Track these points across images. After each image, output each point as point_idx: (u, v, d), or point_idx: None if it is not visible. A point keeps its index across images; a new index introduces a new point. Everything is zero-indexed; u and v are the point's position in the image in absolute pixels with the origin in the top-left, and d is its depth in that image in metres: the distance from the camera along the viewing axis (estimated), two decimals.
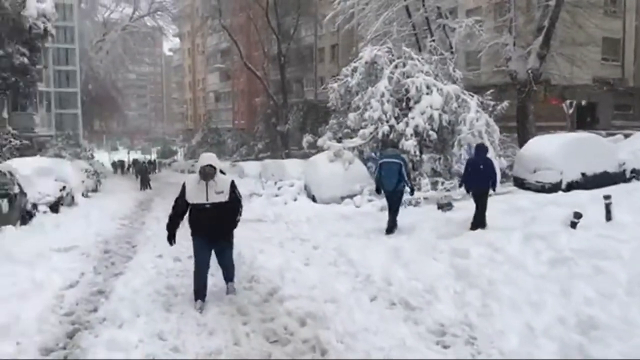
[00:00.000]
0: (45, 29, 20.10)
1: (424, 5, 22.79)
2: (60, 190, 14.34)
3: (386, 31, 23.41)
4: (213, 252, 6.21)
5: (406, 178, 10.22)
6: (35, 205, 12.82)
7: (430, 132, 15.54)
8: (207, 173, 5.83)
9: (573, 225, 8.05)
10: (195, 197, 5.90)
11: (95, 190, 23.85)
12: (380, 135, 15.98)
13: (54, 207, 13.49)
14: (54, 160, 18.32)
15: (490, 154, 10.29)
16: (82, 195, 18.41)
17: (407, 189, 10.54)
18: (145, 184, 28.05)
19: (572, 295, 5.31)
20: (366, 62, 17.67)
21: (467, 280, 6.19)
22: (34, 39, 20.05)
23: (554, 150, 14.67)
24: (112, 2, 54.82)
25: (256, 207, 14.95)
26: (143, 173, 28.97)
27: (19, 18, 19.16)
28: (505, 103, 18.56)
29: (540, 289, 5.57)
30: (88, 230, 11.18)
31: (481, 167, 9.63)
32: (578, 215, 7.99)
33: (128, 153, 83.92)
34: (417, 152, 15.53)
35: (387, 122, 16.00)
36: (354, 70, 18.31)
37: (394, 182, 10.10)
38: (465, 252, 7.51)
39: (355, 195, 14.63)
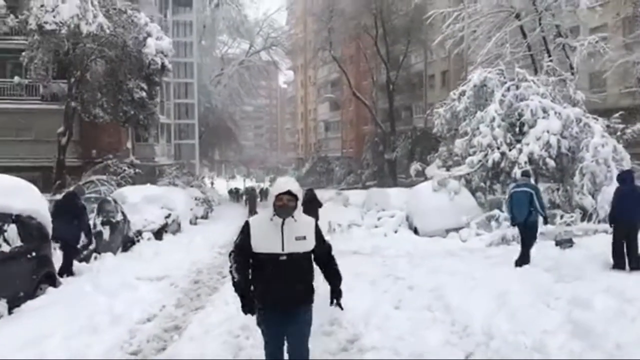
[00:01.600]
0: (163, 64, 21.32)
1: (540, 25, 21.14)
2: (166, 218, 14.78)
3: (498, 54, 22.04)
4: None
5: (539, 208, 9.61)
6: (139, 232, 13.24)
7: (548, 160, 14.02)
8: (286, 206, 3.87)
9: None
10: (264, 243, 3.91)
11: (205, 217, 24.67)
12: (490, 163, 14.73)
13: (158, 234, 13.88)
14: (163, 188, 19.16)
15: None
16: (190, 222, 18.97)
17: (541, 219, 9.93)
18: (252, 210, 29.00)
19: None
20: (475, 85, 16.55)
21: (589, 340, 5.05)
22: (152, 74, 21.33)
23: None
24: (229, 38, 58.05)
25: (354, 239, 14.34)
26: (252, 200, 29.81)
27: (139, 55, 20.48)
28: (638, 125, 16.39)
29: None
30: (185, 259, 11.22)
31: (635, 197, 8.66)
32: None
33: (244, 181, 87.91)
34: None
35: (498, 148, 14.71)
36: (462, 93, 17.25)
37: (524, 212, 9.56)
38: (587, 301, 6.30)
39: (461, 228, 13.51)
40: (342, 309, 4.24)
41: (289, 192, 3.87)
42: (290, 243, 3.89)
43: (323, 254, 4.15)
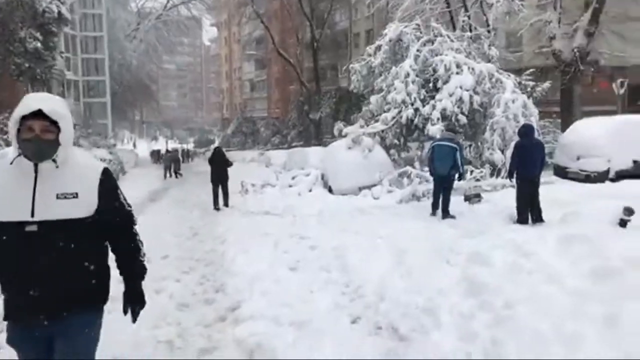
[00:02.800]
0: (60, 13, 19.36)
1: None
2: None
3: (418, 9, 21.75)
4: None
5: (459, 164, 9.80)
6: None
7: (460, 116, 13.93)
8: (40, 140, 2.27)
9: (623, 224, 6.50)
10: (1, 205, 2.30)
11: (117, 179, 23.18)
12: (403, 119, 14.48)
13: None
14: None
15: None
16: None
17: (457, 175, 10.14)
18: (170, 172, 27.98)
19: (620, 325, 3.87)
20: (390, 40, 16.13)
21: (481, 297, 4.77)
22: (48, 23, 19.34)
23: (602, 134, 12.89)
24: None
25: (267, 199, 13.77)
26: (175, 162, 28.65)
27: (31, 2, 18.46)
28: (547, 84, 16.68)
29: (578, 315, 4.13)
30: None
31: (533, 150, 8.68)
32: (629, 212, 6.43)
33: (166, 142, 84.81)
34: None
35: (412, 105, 14.46)
36: (378, 48, 16.81)
37: (447, 166, 9.74)
38: (486, 257, 6.08)
39: (374, 185, 13.24)
40: (134, 320, 2.62)
41: (43, 116, 2.25)
42: (48, 205, 2.29)
43: (115, 225, 2.51)
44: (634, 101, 26.32)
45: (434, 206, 10.45)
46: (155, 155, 51.42)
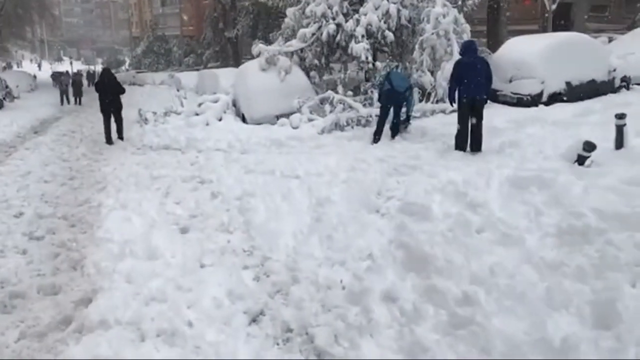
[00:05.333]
0: None
1: None
2: None
3: None
4: None
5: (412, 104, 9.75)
6: None
7: (387, 33, 12.44)
8: None
9: (581, 161, 5.49)
10: None
11: None
12: (324, 36, 12.79)
13: None
14: None
15: None
16: None
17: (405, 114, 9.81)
18: (68, 98, 24.87)
19: (612, 306, 2.79)
20: None
21: (424, 274, 3.57)
22: None
23: (536, 54, 11.96)
24: None
25: (169, 130, 11.92)
26: (76, 86, 25.34)
27: None
28: None
29: (553, 298, 3.02)
30: None
31: (478, 68, 7.58)
32: (590, 147, 5.40)
33: (71, 64, 77.77)
34: (370, 58, 12.51)
35: (334, 19, 12.75)
36: None
37: (405, 84, 9.45)
38: (423, 208, 4.89)
39: (293, 113, 11.73)
40: None
41: None
42: None
43: None
44: (554, 20, 25.91)
45: (378, 132, 9.59)
46: (57, 78, 46.50)
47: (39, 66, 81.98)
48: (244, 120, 12.63)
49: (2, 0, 39.97)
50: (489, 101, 11.23)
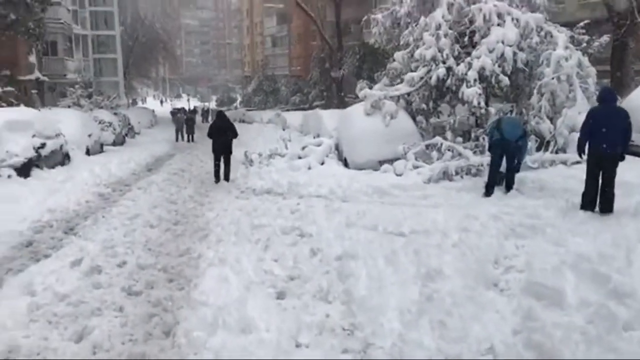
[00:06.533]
0: None
1: None
2: (38, 149, 11.88)
3: None
4: None
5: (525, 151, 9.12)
6: None
7: (501, 77, 11.72)
8: None
9: None
10: None
11: (120, 142, 21.64)
12: (433, 80, 12.30)
13: (24, 170, 11.06)
14: (55, 110, 16.03)
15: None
16: (88, 151, 16.04)
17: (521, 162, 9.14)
18: (182, 135, 26.14)
19: None
20: None
21: None
22: None
23: None
24: None
25: (272, 173, 11.94)
26: (189, 124, 26.66)
27: None
28: (605, 37, 14.18)
29: None
30: (32, 210, 8.56)
31: (616, 119, 6.84)
32: None
33: (188, 101, 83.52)
34: (482, 103, 11.80)
35: (444, 62, 12.24)
36: None
37: (517, 133, 8.82)
38: (553, 290, 4.18)
39: (397, 159, 11.29)
40: None
41: None
42: None
43: None
44: None
45: (490, 185, 8.88)
46: (175, 114, 49.79)
47: (161, 102, 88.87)
48: (346, 164, 12.38)
49: (131, 44, 43.96)
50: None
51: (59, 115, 15.56)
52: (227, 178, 11.92)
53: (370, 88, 17.01)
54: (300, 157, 12.67)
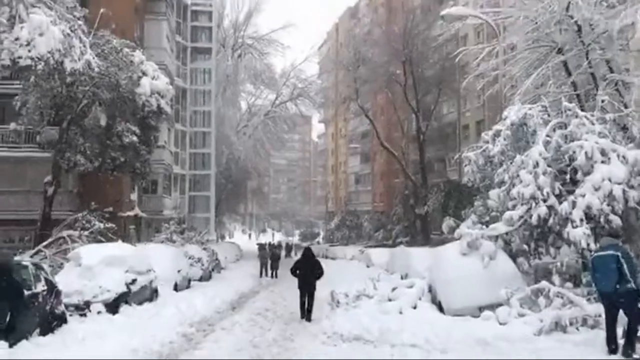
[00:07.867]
0: (159, 107, 19.20)
1: (588, 59, 18.12)
2: (129, 284, 12.01)
3: (537, 94, 19.05)
4: None
5: (629, 275, 7.55)
6: (87, 304, 10.58)
7: (612, 217, 10.77)
8: None
9: None
10: None
11: (207, 278, 21.87)
12: (534, 219, 11.52)
13: (113, 306, 11.09)
14: (150, 245, 16.58)
15: None
16: (176, 287, 16.16)
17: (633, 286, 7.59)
18: (267, 271, 26.06)
19: None
20: (512, 124, 13.51)
21: None
22: (147, 117, 19.26)
23: None
24: (255, 88, 57.01)
25: (361, 316, 11.19)
26: (274, 259, 26.76)
27: (132, 96, 18.46)
28: None
29: None
30: (115, 350, 8.30)
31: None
32: None
33: (272, 236, 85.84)
34: (592, 244, 10.78)
35: (545, 201, 11.52)
36: (497, 134, 14.23)
37: (612, 281, 7.64)
38: None
39: (499, 305, 10.26)
40: None
41: None
42: None
43: None
44: None
45: (610, 340, 7.68)
46: (260, 249, 50.73)
47: (249, 237, 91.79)
48: (440, 309, 11.43)
49: (224, 182, 46.64)
50: None
51: (152, 250, 16.05)
52: (309, 314, 11.53)
53: (457, 225, 16.36)
54: (390, 299, 11.91)
